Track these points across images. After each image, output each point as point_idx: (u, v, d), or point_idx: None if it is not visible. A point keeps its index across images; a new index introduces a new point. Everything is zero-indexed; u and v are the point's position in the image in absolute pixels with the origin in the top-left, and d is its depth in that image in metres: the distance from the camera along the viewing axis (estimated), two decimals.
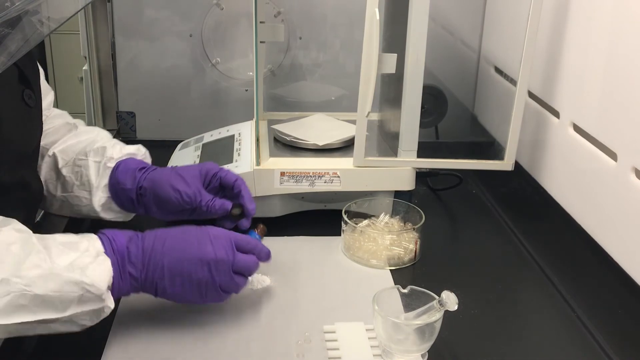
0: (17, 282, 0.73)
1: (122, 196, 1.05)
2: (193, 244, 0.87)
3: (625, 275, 0.93)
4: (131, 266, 0.84)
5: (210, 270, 0.86)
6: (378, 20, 1.05)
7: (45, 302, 0.75)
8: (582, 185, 1.06)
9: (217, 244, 0.87)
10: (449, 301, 0.83)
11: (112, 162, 1.06)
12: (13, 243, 0.76)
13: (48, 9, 0.76)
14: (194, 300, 0.88)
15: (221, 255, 0.86)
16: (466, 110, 1.56)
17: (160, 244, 0.86)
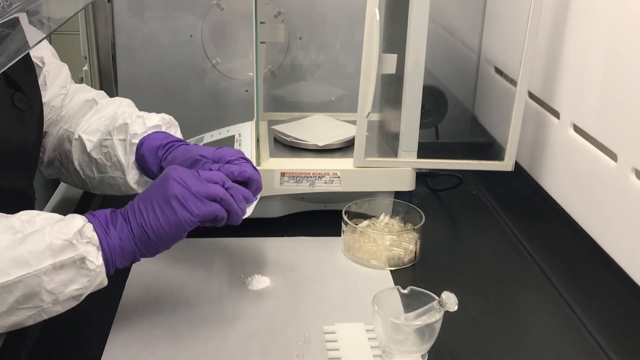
0: None
1: (151, 173, 1.04)
2: (158, 183, 0.86)
3: (625, 276, 0.93)
4: (114, 225, 0.83)
5: (181, 184, 0.84)
6: (378, 20, 1.05)
7: (17, 259, 0.75)
8: (582, 186, 1.06)
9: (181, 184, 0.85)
10: (449, 302, 0.83)
11: (136, 138, 1.03)
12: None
13: (48, 9, 0.76)
14: (183, 217, 0.83)
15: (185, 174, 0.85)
16: (466, 110, 1.56)
17: (131, 202, 0.86)
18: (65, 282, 0.78)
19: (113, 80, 1.56)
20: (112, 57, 1.54)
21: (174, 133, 1.08)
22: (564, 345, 0.92)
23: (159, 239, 0.83)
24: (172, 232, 0.83)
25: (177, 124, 1.11)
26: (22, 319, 0.77)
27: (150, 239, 0.83)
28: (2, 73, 0.90)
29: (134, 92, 1.56)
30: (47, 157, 1.09)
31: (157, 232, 0.83)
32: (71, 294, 0.78)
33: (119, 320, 0.90)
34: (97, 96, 1.12)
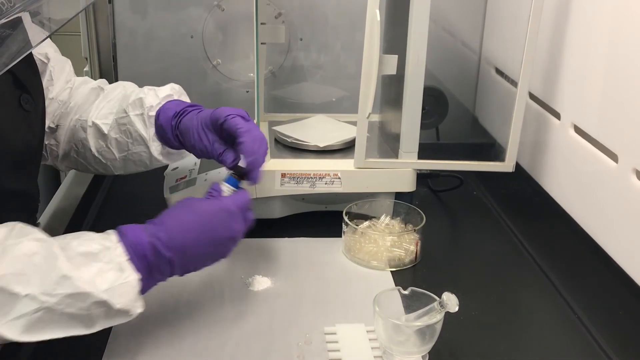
0: (46, 300, 0.73)
1: (170, 142, 1.05)
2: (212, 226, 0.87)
3: (625, 276, 0.93)
4: (158, 268, 0.82)
5: (231, 243, 0.88)
6: (379, 21, 1.05)
7: (74, 318, 0.76)
8: (582, 187, 1.06)
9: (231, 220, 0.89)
10: (450, 302, 0.83)
11: (153, 110, 1.05)
12: (35, 254, 0.75)
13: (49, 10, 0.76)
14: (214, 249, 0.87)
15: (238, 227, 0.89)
16: (467, 111, 1.56)
17: (182, 233, 0.84)
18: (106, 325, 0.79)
19: (114, 81, 1.55)
20: (113, 58, 1.54)
21: (185, 100, 1.11)
22: (565, 346, 0.92)
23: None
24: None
25: (184, 92, 1.13)
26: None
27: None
28: (10, 74, 0.91)
29: None
30: (62, 150, 1.10)
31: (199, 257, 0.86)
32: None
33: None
34: (101, 83, 1.15)
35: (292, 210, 1.20)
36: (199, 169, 1.20)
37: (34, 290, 0.72)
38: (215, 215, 0.87)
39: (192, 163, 1.24)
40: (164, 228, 0.83)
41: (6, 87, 0.91)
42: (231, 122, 0.97)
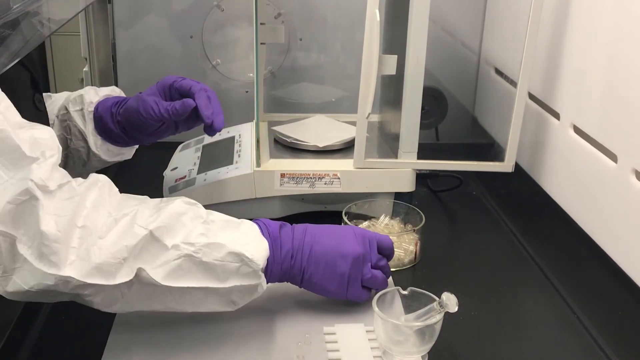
0: (185, 248, 0.78)
1: (110, 134, 1.07)
2: (339, 238, 0.91)
3: (625, 277, 0.93)
4: (282, 251, 0.88)
5: (352, 263, 0.90)
6: (378, 21, 1.05)
7: (209, 269, 0.80)
8: (582, 187, 1.06)
9: (360, 241, 0.92)
10: (449, 303, 0.83)
11: (92, 106, 1.07)
12: (183, 213, 0.81)
13: (49, 10, 0.76)
14: (337, 291, 0.91)
15: (365, 251, 0.91)
16: (466, 111, 1.56)
17: (310, 235, 0.91)
18: (235, 290, 0.83)
19: (113, 81, 1.56)
20: (113, 58, 1.54)
21: None
22: (564, 346, 0.92)
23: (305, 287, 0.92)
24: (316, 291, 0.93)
25: (123, 95, 1.14)
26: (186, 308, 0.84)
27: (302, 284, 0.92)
28: (29, 74, 0.92)
29: (134, 93, 1.55)
30: None
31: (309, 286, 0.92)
32: (235, 300, 0.85)
33: (120, 320, 0.90)
34: (51, 95, 1.16)
35: (291, 210, 1.20)
36: (198, 169, 1.20)
37: (178, 241, 0.79)
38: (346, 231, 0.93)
39: (191, 163, 1.24)
40: (293, 225, 0.92)
41: (24, 87, 0.92)
42: (182, 82, 1.03)
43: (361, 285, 0.92)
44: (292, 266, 0.89)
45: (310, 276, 0.89)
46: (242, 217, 1.15)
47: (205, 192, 1.14)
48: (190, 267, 0.79)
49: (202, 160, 1.24)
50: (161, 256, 0.78)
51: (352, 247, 0.90)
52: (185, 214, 0.81)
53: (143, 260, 0.77)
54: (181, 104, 1.01)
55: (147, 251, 0.77)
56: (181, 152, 1.34)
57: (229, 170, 1.16)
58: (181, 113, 1.01)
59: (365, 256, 0.91)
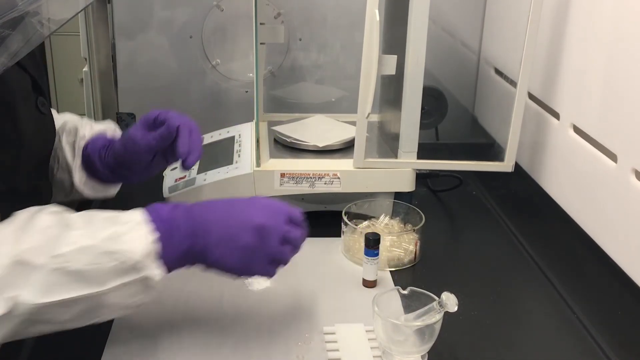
0: (53, 262, 0.73)
1: (97, 174, 1.06)
2: (242, 210, 0.85)
3: (625, 277, 0.93)
4: (178, 231, 0.81)
5: (257, 235, 0.82)
6: (378, 21, 1.05)
7: (82, 277, 0.74)
8: (582, 187, 1.06)
9: (266, 211, 0.85)
10: (449, 302, 0.83)
11: (84, 140, 1.06)
12: (49, 227, 0.76)
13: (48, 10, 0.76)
14: (241, 268, 0.83)
15: (270, 222, 0.83)
16: (466, 111, 1.56)
17: (207, 210, 0.84)
18: (126, 297, 0.77)
19: (113, 81, 1.56)
20: (112, 58, 1.54)
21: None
22: (564, 346, 0.92)
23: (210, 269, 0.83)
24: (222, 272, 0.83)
25: (119, 132, 1.12)
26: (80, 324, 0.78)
27: (206, 265, 0.83)
28: (30, 77, 0.92)
29: (133, 93, 1.56)
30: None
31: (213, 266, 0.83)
32: (129, 305, 0.79)
33: (119, 320, 0.90)
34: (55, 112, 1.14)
35: None
36: (198, 169, 1.20)
37: (47, 256, 0.73)
38: (248, 202, 0.86)
39: None
40: (188, 204, 0.84)
41: (26, 90, 0.92)
42: (166, 115, 1.00)
43: (268, 260, 0.84)
44: (191, 246, 0.81)
45: (212, 253, 0.81)
46: None
47: (205, 191, 1.14)
48: (62, 279, 0.73)
49: (202, 160, 1.24)
50: (31, 277, 0.72)
51: (255, 216, 0.83)
52: (51, 227, 0.76)
53: (15, 286, 0.72)
54: (165, 127, 0.98)
55: (16, 277, 0.72)
56: None
57: (229, 170, 1.16)
58: (167, 137, 0.99)
59: (271, 227, 0.83)
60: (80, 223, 0.77)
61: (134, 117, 1.57)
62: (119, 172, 1.04)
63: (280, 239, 0.84)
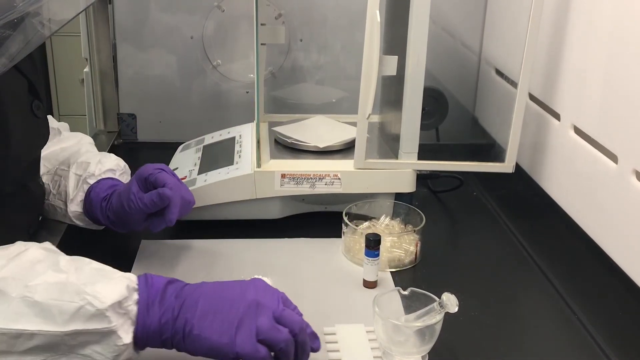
0: (23, 291, 0.70)
1: (95, 219, 1.06)
2: (235, 287, 0.78)
3: (626, 278, 0.93)
4: (163, 303, 0.76)
5: (248, 308, 0.75)
6: (379, 22, 1.05)
7: (44, 311, 0.70)
8: (582, 188, 1.06)
9: (262, 291, 0.79)
10: (450, 303, 0.83)
11: (92, 179, 1.06)
12: (38, 261, 0.74)
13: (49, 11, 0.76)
14: (226, 343, 0.74)
15: (266, 300, 0.77)
16: (467, 112, 1.56)
17: (200, 286, 0.78)
18: (88, 343, 0.72)
19: (114, 82, 1.56)
20: (113, 59, 1.54)
21: (125, 181, 1.10)
22: (564, 346, 0.92)
23: (192, 347, 0.75)
24: (204, 350, 0.75)
25: (129, 172, 1.13)
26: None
27: (185, 342, 0.75)
28: (26, 81, 0.92)
29: (134, 94, 1.56)
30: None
31: (193, 341, 0.75)
32: (92, 356, 0.72)
33: None
34: (61, 127, 1.15)
35: (292, 210, 1.20)
36: (199, 170, 1.21)
37: (21, 287, 0.71)
38: (244, 282, 0.80)
39: (192, 163, 1.24)
40: (185, 283, 0.79)
41: (22, 93, 0.92)
42: (158, 176, 0.99)
43: (257, 338, 0.74)
44: (174, 318, 0.75)
45: (196, 326, 0.74)
46: (243, 217, 1.15)
47: (205, 192, 1.14)
48: (23, 309, 0.69)
49: (203, 161, 1.24)
50: (1, 306, 0.70)
51: (249, 293, 0.77)
52: (41, 261, 0.74)
53: None
54: (157, 195, 0.98)
55: None
56: (182, 152, 1.34)
57: (230, 170, 1.16)
58: (159, 204, 0.98)
59: (262, 302, 0.76)
60: (69, 267, 0.74)
61: (135, 118, 1.57)
62: (117, 223, 1.04)
63: (273, 317, 0.76)
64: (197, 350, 0.75)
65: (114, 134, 1.58)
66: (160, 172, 1.01)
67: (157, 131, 1.57)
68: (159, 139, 1.56)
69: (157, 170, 1.01)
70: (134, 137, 1.58)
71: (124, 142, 1.58)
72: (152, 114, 1.57)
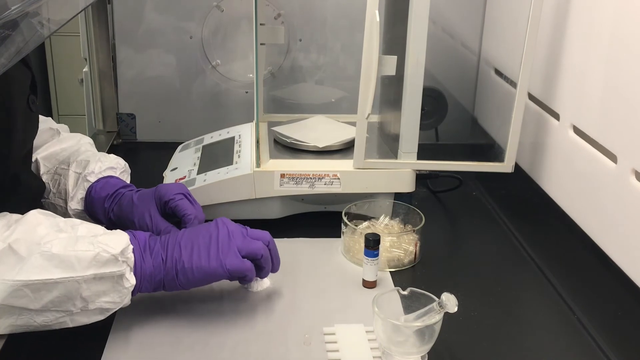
0: (37, 248, 0.77)
1: (96, 217, 1.06)
2: (205, 227, 0.91)
3: (625, 277, 0.93)
4: (152, 250, 0.87)
5: (223, 234, 0.89)
6: (378, 22, 1.05)
7: (63, 261, 0.78)
8: (582, 188, 1.06)
9: (227, 222, 0.91)
10: (449, 303, 0.83)
11: (92, 176, 1.06)
12: (39, 224, 0.80)
13: (48, 10, 0.76)
14: (214, 267, 0.87)
15: (232, 227, 0.90)
16: (466, 112, 1.56)
17: (175, 234, 0.90)
18: (99, 294, 0.81)
19: (113, 82, 1.56)
20: (112, 59, 1.54)
21: (125, 179, 1.11)
22: (564, 347, 0.92)
23: (185, 279, 0.87)
24: (198, 278, 0.88)
25: (129, 171, 1.14)
26: (50, 321, 0.80)
27: (178, 277, 0.87)
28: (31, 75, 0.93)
29: (134, 94, 1.56)
30: None
31: (185, 273, 0.87)
32: (101, 306, 0.82)
33: (119, 321, 0.90)
34: (61, 128, 1.15)
35: (291, 210, 1.20)
36: (198, 169, 1.21)
37: (33, 248, 0.78)
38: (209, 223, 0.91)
39: (191, 163, 1.24)
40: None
41: (25, 85, 0.93)
42: (179, 203, 1.01)
43: (240, 255, 0.88)
44: (165, 261, 0.87)
45: (182, 262, 0.87)
46: (242, 217, 1.15)
47: (205, 192, 1.14)
48: (43, 262, 0.77)
49: (202, 161, 1.24)
50: (17, 266, 0.76)
51: (216, 225, 0.90)
52: (41, 224, 0.81)
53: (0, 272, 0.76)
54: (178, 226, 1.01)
55: (3, 263, 0.76)
56: (181, 152, 1.34)
57: (229, 170, 1.16)
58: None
59: (231, 229, 0.90)
60: (66, 226, 0.83)
61: (134, 118, 1.57)
62: (119, 223, 1.05)
63: (246, 236, 0.90)
64: (191, 281, 0.87)
65: (113, 134, 1.58)
66: (181, 199, 1.01)
67: (156, 131, 1.57)
68: (159, 138, 1.56)
69: (179, 196, 1.01)
70: (133, 137, 1.58)
71: (123, 142, 1.58)
72: (152, 113, 1.57)
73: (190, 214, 0.99)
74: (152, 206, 1.01)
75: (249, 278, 0.91)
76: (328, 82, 1.57)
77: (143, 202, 1.02)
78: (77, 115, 1.20)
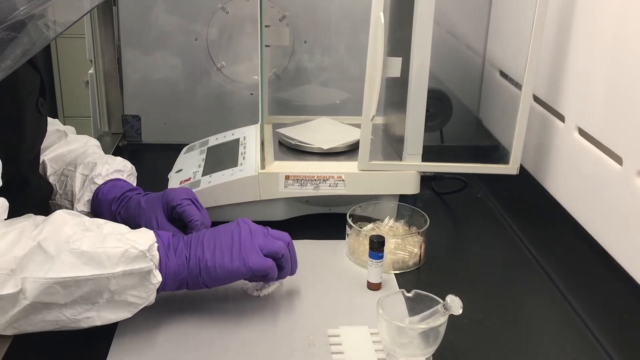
0: (64, 247, 0.78)
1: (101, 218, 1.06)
2: (227, 226, 0.92)
3: (630, 280, 0.92)
4: (175, 249, 0.88)
5: (245, 233, 0.90)
6: (383, 24, 1.05)
7: (93, 259, 0.79)
8: (587, 189, 1.06)
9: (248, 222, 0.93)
10: (454, 305, 0.83)
11: (100, 179, 1.06)
12: (65, 224, 0.81)
13: (54, 12, 0.76)
14: (237, 266, 0.88)
15: (254, 226, 0.91)
16: (471, 114, 1.56)
17: (198, 234, 0.91)
18: (127, 287, 0.82)
19: (118, 83, 1.56)
20: (118, 60, 1.55)
21: (132, 182, 1.11)
22: (569, 349, 0.92)
23: (208, 278, 0.88)
24: (221, 277, 0.89)
25: (136, 174, 1.15)
26: (78, 314, 0.81)
27: (201, 275, 0.88)
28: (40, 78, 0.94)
29: (139, 95, 1.56)
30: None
31: (209, 271, 0.88)
32: (127, 299, 0.83)
33: (124, 322, 0.90)
34: (67, 130, 1.16)
35: (295, 212, 1.20)
36: (203, 171, 1.21)
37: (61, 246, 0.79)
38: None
39: (196, 165, 1.25)
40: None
41: (35, 89, 0.94)
42: (186, 209, 1.01)
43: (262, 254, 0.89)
44: (188, 259, 0.88)
45: (205, 260, 0.88)
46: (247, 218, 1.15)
47: (209, 194, 1.14)
48: (72, 260, 0.78)
49: (207, 162, 1.24)
50: (45, 265, 0.77)
51: (238, 225, 0.91)
52: (66, 224, 0.81)
53: (30, 270, 0.77)
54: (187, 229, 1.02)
55: (33, 262, 0.77)
56: (186, 154, 1.34)
57: (234, 172, 1.16)
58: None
59: (252, 228, 0.91)
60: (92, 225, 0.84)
61: (140, 119, 1.57)
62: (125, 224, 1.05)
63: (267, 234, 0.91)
64: (213, 279, 0.88)
65: (119, 136, 1.58)
66: (189, 205, 1.02)
67: (161, 133, 1.57)
68: (164, 140, 1.56)
69: (186, 202, 1.02)
70: (138, 138, 1.58)
71: (128, 143, 1.58)
72: (157, 115, 1.58)
73: (197, 220, 1.00)
74: (159, 210, 1.02)
75: (271, 276, 0.91)
76: (333, 83, 1.57)
77: (150, 206, 1.02)
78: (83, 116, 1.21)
